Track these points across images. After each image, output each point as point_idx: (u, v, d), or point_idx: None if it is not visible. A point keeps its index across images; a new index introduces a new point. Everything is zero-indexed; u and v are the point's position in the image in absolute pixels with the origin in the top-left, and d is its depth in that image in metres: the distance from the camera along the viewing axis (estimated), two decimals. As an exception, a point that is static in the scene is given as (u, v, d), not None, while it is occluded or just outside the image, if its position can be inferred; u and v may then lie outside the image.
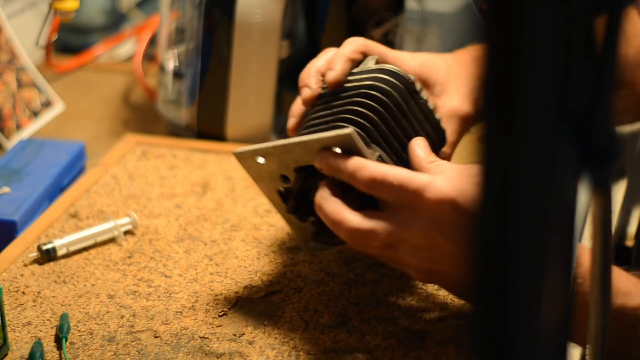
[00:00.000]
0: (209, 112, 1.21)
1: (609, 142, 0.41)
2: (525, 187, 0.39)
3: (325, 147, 0.78)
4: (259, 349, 0.81)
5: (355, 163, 0.76)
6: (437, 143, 0.86)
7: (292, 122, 0.88)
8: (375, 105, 0.81)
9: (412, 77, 0.83)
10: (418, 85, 0.84)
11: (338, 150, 0.78)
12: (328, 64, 0.86)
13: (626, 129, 1.18)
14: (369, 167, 0.76)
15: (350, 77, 0.84)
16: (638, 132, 1.21)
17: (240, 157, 0.83)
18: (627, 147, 1.18)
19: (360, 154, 0.77)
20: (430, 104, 0.84)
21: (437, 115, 0.85)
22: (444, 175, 0.75)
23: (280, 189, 0.84)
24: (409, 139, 0.82)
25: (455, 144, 0.89)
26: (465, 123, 0.90)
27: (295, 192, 0.83)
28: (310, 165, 0.80)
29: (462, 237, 0.76)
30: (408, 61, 0.89)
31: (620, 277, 0.75)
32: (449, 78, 0.90)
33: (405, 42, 1.28)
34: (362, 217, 0.76)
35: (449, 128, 0.88)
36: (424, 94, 0.84)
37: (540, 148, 0.39)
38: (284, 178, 0.83)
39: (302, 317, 0.84)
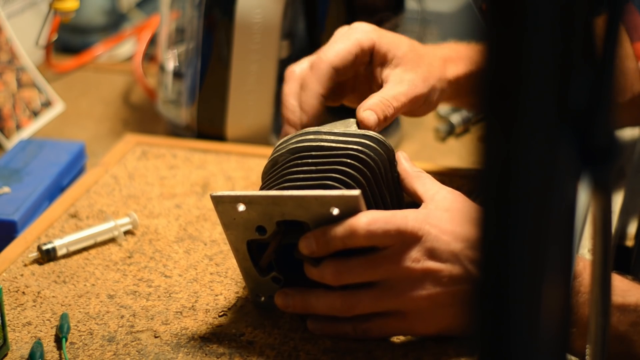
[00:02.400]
0: (209, 112, 1.21)
1: (609, 142, 0.41)
2: (525, 187, 0.39)
3: (321, 204, 0.76)
4: (259, 349, 0.81)
5: (348, 225, 0.76)
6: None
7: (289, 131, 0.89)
8: (365, 169, 0.80)
9: (392, 147, 0.83)
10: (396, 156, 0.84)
11: (335, 210, 0.76)
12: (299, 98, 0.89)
13: (626, 129, 1.18)
14: (361, 221, 0.76)
15: (334, 137, 0.82)
16: (638, 132, 1.21)
17: (217, 200, 0.79)
18: (627, 148, 1.18)
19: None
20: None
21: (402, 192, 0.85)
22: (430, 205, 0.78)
23: (251, 239, 0.81)
24: (385, 206, 0.81)
25: (399, 108, 0.88)
26: (414, 101, 0.90)
27: (274, 246, 0.80)
28: (294, 220, 0.78)
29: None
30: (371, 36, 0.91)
31: (616, 277, 0.75)
32: (411, 57, 0.91)
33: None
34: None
35: (398, 90, 0.88)
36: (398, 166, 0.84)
37: (540, 148, 0.39)
38: (261, 229, 0.80)
39: (302, 317, 0.84)
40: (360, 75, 0.93)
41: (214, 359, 0.79)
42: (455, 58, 0.95)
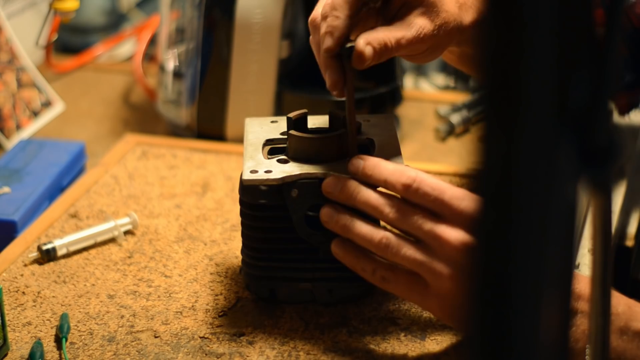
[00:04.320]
0: (209, 112, 1.21)
1: (609, 142, 0.41)
2: (525, 187, 0.39)
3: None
4: (259, 349, 0.81)
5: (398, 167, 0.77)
6: None
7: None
8: None
9: None
10: None
11: None
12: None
13: (626, 128, 1.18)
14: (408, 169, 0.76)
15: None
16: (638, 132, 1.21)
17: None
18: (627, 148, 1.18)
19: None
20: None
21: None
22: None
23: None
24: None
25: (397, 51, 0.83)
26: (415, 49, 0.84)
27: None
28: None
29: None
30: None
31: (630, 300, 0.74)
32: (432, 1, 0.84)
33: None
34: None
35: (404, 34, 0.82)
36: None
37: (540, 148, 0.39)
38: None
39: (302, 317, 0.84)
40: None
41: (214, 359, 0.79)
42: (463, 2, 0.89)
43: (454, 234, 0.74)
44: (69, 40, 1.52)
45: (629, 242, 1.08)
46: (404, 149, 1.21)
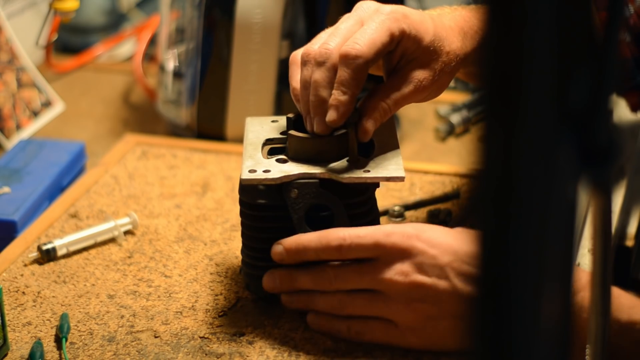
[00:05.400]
0: (209, 112, 1.21)
1: (609, 142, 0.41)
2: (525, 187, 0.39)
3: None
4: (259, 349, 0.81)
5: (321, 236, 0.79)
6: None
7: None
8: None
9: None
10: None
11: None
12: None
13: (626, 128, 1.18)
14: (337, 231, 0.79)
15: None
16: (638, 131, 1.21)
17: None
18: (627, 147, 1.18)
19: None
20: None
21: None
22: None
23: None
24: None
25: (397, 108, 0.86)
26: (415, 99, 0.87)
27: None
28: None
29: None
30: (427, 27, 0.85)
31: (622, 293, 0.75)
32: (430, 51, 0.85)
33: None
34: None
35: (402, 91, 0.85)
36: None
37: (540, 148, 0.39)
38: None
39: (302, 317, 0.84)
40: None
41: (214, 359, 0.79)
42: (467, 30, 0.89)
43: (392, 273, 0.78)
44: (69, 40, 1.52)
45: (629, 242, 1.08)
46: (404, 149, 1.21)
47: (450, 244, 0.76)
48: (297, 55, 0.84)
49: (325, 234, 0.80)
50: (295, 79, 0.84)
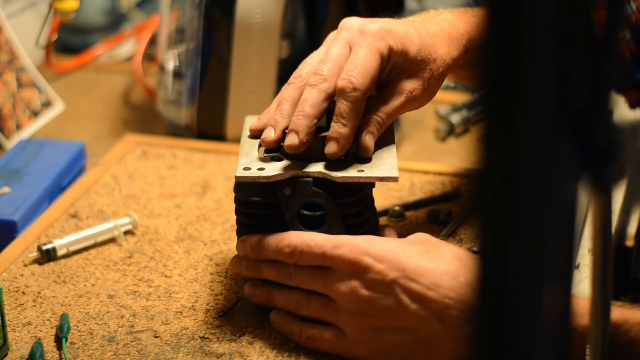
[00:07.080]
0: (209, 112, 1.21)
1: (609, 142, 0.41)
2: (525, 187, 0.39)
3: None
4: (259, 349, 0.81)
5: (278, 239, 0.81)
6: None
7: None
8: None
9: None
10: None
11: None
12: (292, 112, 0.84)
13: (626, 128, 1.19)
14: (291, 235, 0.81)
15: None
16: (638, 131, 1.21)
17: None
18: (627, 147, 1.18)
19: None
20: None
21: None
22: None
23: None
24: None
25: (391, 120, 0.88)
26: (407, 109, 0.89)
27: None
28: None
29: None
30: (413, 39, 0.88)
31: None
32: (417, 61, 0.87)
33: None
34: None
35: (394, 104, 0.87)
36: None
37: (541, 148, 0.39)
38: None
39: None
40: None
41: (214, 359, 0.79)
42: (453, 34, 0.91)
43: (341, 285, 0.78)
44: (69, 40, 1.52)
45: (629, 242, 1.08)
46: (405, 149, 1.21)
47: (399, 258, 0.77)
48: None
49: (281, 238, 0.81)
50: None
